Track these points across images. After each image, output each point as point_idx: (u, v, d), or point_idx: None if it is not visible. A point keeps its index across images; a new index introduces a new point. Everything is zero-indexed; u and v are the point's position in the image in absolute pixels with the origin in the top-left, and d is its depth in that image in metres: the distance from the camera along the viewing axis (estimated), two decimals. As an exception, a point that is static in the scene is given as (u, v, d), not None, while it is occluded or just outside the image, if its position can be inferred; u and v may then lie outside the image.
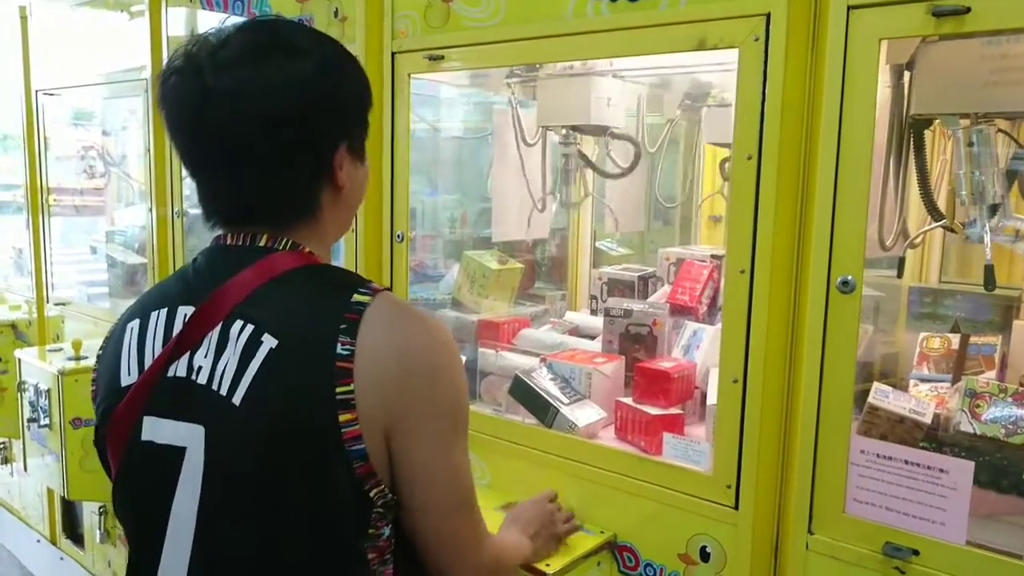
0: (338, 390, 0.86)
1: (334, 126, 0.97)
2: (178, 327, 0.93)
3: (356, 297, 0.90)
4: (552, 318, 2.49)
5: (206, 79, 0.89)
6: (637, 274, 2.38)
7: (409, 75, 1.87)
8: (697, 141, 2.68)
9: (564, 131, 2.16)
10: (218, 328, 0.90)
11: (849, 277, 1.27)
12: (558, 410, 1.69)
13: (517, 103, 2.27)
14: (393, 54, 1.88)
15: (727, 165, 2.51)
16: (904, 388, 1.68)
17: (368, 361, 0.87)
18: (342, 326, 0.87)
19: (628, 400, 1.71)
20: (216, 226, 0.99)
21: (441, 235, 2.77)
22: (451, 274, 2.54)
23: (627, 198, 2.55)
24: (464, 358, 1.94)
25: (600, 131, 2.14)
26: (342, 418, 0.86)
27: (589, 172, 2.35)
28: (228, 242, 0.98)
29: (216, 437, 0.89)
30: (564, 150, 2.20)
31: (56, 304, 3.25)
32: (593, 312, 2.46)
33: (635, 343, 1.91)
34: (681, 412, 1.66)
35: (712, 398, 1.57)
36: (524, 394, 1.75)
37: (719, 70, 1.93)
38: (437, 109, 2.61)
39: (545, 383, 1.76)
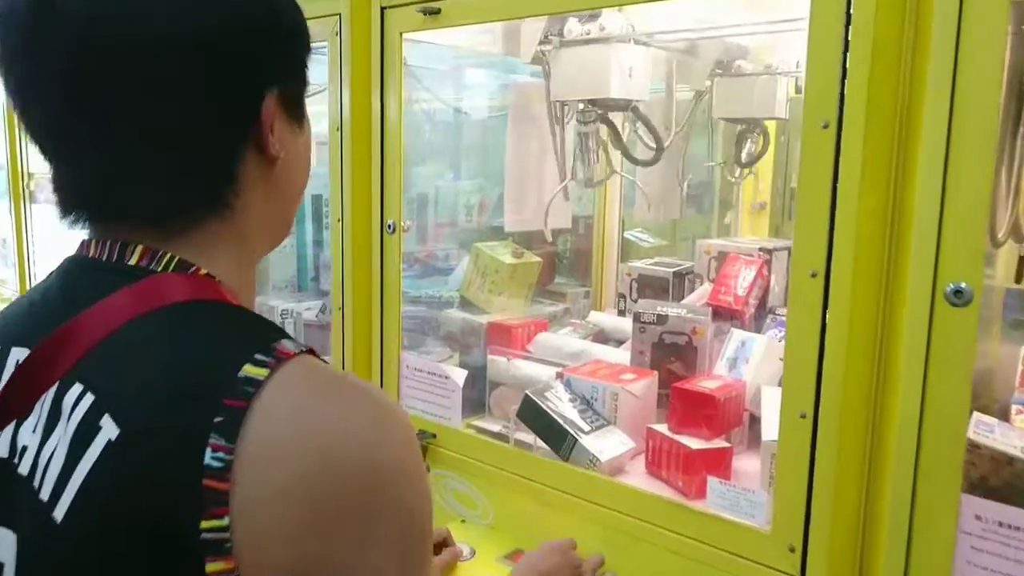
0: (204, 525, 0.53)
1: (257, 61, 0.65)
2: (7, 377, 0.63)
3: (247, 370, 0.56)
4: (573, 319, 2.18)
5: None
6: (672, 270, 2.06)
7: (401, 34, 1.57)
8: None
9: (582, 106, 1.84)
10: (54, 389, 0.60)
11: (963, 284, 0.95)
12: (576, 440, 1.39)
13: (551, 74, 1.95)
14: (382, 9, 1.58)
15: (748, 142, 2.17)
16: (1004, 416, 1.35)
17: (256, 477, 0.54)
18: (216, 419, 0.54)
19: (663, 428, 1.40)
20: (81, 224, 0.67)
21: (457, 223, 2.48)
22: (461, 267, 2.25)
23: (658, 182, 2.22)
24: (467, 372, 1.64)
25: (622, 106, 1.80)
26: (210, 568, 0.53)
27: (615, 152, 2.04)
28: (90, 252, 0.66)
29: (30, 559, 0.58)
30: (582, 128, 1.86)
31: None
32: (621, 313, 2.15)
33: (671, 355, 1.60)
34: (728, 446, 1.35)
35: (770, 432, 1.26)
36: (536, 419, 1.45)
37: (791, 29, 1.59)
38: (458, 89, 2.32)
39: (562, 405, 1.46)
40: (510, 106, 2.07)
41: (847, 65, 1.00)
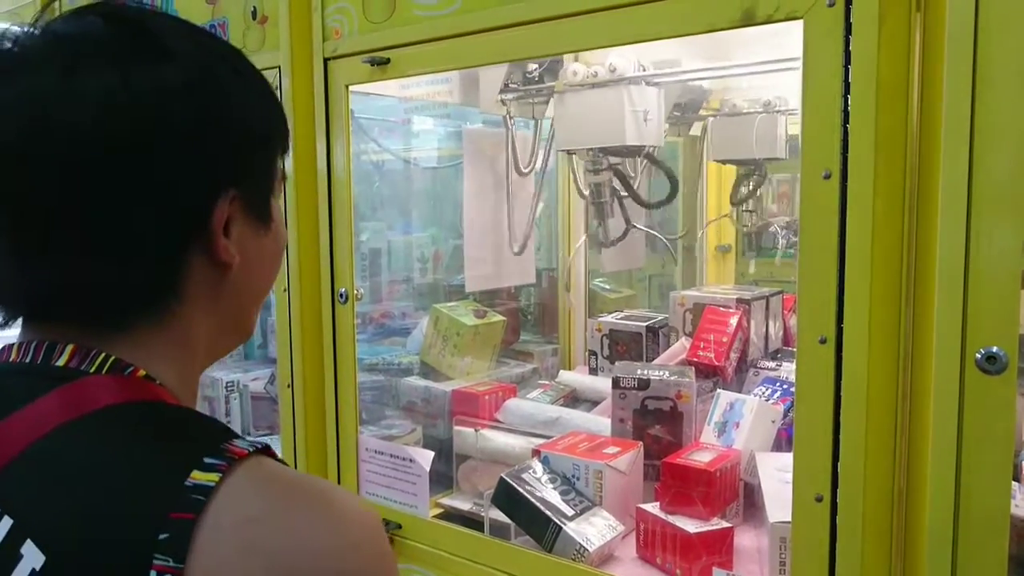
0: None
1: (209, 161, 0.59)
2: None
3: (196, 476, 0.49)
4: (542, 380, 2.04)
5: None
6: (645, 323, 1.94)
7: (347, 87, 1.44)
8: (701, 160, 2.28)
9: (591, 154, 1.74)
10: None
11: (995, 349, 0.84)
12: (561, 527, 1.25)
13: (512, 124, 1.84)
14: (326, 61, 1.45)
15: (744, 187, 2.12)
16: (1017, 476, 1.25)
17: None
18: (162, 535, 0.47)
19: (654, 508, 1.27)
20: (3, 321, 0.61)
21: (412, 279, 2.34)
22: (419, 329, 2.10)
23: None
24: (433, 454, 1.49)
25: (633, 152, 1.72)
26: None
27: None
28: (12, 356, 0.59)
29: None
30: (594, 178, 1.77)
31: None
32: (593, 371, 2.03)
33: (655, 422, 1.47)
34: (728, 526, 1.22)
35: (775, 510, 1.13)
36: (513, 505, 1.30)
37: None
38: (408, 138, 2.20)
39: (541, 488, 1.32)
40: (463, 154, 1.94)
41: (849, 107, 0.90)
